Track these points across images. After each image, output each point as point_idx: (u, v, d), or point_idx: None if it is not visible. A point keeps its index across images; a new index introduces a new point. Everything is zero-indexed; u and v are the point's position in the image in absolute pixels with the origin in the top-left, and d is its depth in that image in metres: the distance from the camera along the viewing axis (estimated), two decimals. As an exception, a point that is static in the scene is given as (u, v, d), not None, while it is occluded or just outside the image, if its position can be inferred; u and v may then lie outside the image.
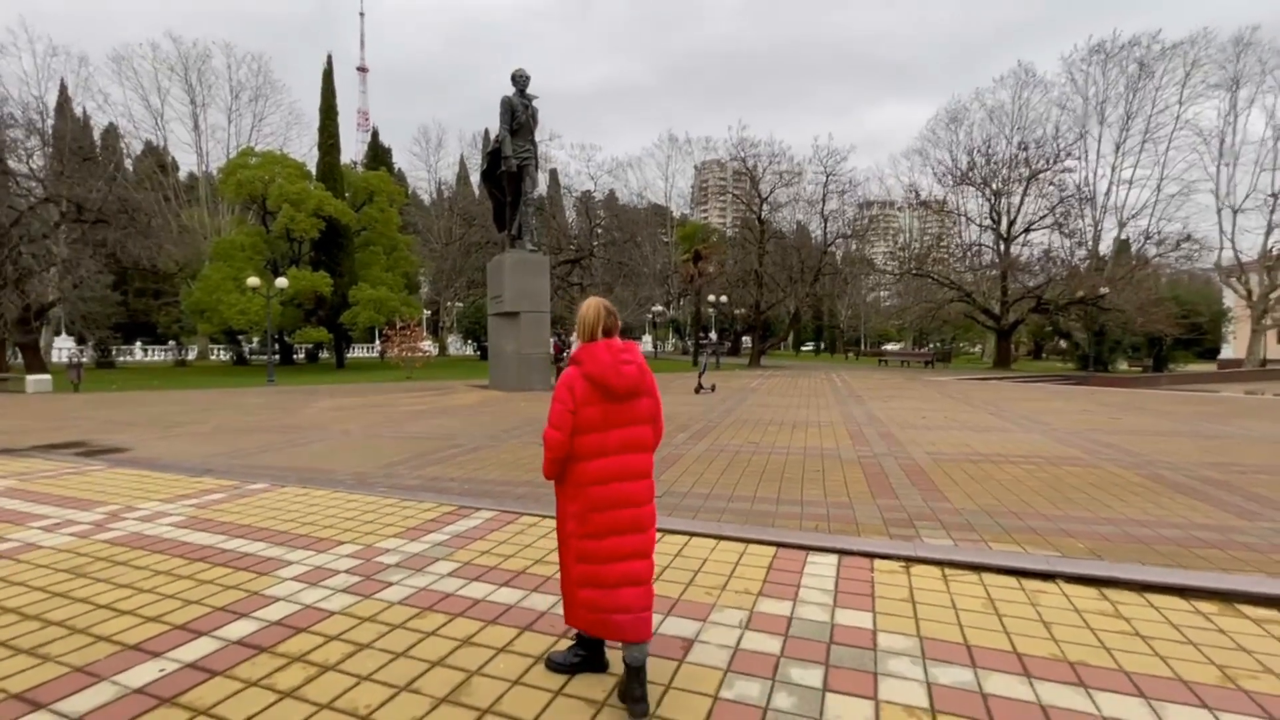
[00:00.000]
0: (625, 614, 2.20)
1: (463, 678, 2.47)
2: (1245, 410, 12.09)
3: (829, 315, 58.70)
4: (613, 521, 2.24)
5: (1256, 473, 6.06)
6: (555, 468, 2.31)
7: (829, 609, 3.08)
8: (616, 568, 2.23)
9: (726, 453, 7.31)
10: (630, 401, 2.28)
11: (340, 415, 11.69)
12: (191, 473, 6.41)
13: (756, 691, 2.36)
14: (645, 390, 2.32)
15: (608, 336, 2.32)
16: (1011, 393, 16.40)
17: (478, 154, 55.48)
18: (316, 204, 28.31)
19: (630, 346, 2.34)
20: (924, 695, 2.34)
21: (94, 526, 4.50)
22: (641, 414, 2.32)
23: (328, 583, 3.43)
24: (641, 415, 2.32)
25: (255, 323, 26.29)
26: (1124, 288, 29.09)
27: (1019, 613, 3.05)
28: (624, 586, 2.22)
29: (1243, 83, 33.28)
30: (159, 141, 38.18)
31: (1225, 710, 2.25)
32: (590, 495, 2.25)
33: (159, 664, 2.57)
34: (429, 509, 4.89)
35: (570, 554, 2.33)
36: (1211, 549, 3.92)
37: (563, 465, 2.30)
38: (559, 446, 2.24)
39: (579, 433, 2.24)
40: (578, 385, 2.24)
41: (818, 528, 4.41)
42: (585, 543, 2.26)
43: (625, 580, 2.22)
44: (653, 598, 2.31)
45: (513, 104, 17.23)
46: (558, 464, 2.30)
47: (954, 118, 36.39)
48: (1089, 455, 6.99)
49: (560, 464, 2.30)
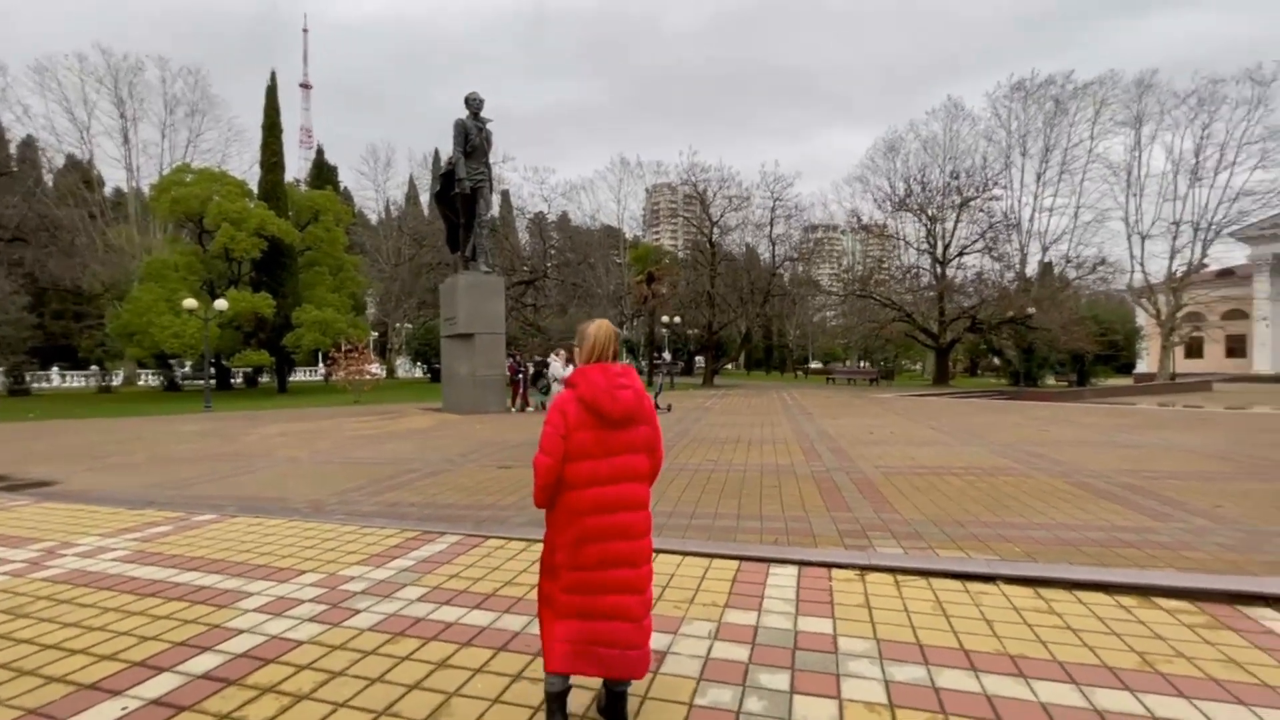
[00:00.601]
0: (612, 649, 2.11)
1: (442, 699, 2.49)
2: (1158, 422, 13.10)
3: (778, 335, 60.18)
4: (605, 554, 2.14)
5: (1168, 478, 6.63)
6: (545, 495, 2.21)
7: (792, 617, 3.24)
8: (607, 600, 2.14)
9: (687, 471, 7.46)
10: (626, 429, 2.19)
11: (287, 441, 11.28)
12: (131, 505, 6.10)
13: (729, 697, 2.48)
14: (643, 418, 2.23)
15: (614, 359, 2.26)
16: (950, 408, 17.25)
17: (427, 174, 54.86)
18: (259, 223, 27.36)
19: (627, 371, 2.26)
20: (883, 692, 2.51)
21: (29, 565, 4.26)
22: (638, 442, 2.21)
23: (293, 613, 3.37)
24: (638, 443, 2.21)
25: (190, 346, 25.02)
26: (1049, 308, 31.11)
27: (964, 613, 3.28)
28: (615, 620, 2.13)
29: (1145, 120, 36.44)
30: (84, 156, 36.16)
31: (1144, 691, 2.50)
32: (584, 525, 2.14)
33: (120, 702, 2.49)
34: (391, 535, 4.83)
35: (558, 584, 2.20)
36: (1130, 548, 4.29)
37: (553, 493, 2.20)
38: (548, 472, 2.15)
39: (571, 459, 2.14)
40: (570, 409, 2.16)
41: (777, 541, 4.59)
42: (576, 574, 2.16)
43: (616, 614, 2.13)
44: (647, 636, 2.19)
45: (466, 126, 17.27)
46: (548, 490, 2.19)
47: (891, 147, 38.41)
48: (1022, 466, 7.48)
49: (550, 491, 2.19)
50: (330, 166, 48.58)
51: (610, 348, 2.26)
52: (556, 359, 10.40)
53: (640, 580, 2.20)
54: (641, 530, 2.22)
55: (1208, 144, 35.40)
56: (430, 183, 51.36)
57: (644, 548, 2.23)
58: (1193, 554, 4.15)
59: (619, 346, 2.30)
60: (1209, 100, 34.72)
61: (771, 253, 36.92)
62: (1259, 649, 2.87)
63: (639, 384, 2.25)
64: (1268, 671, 2.66)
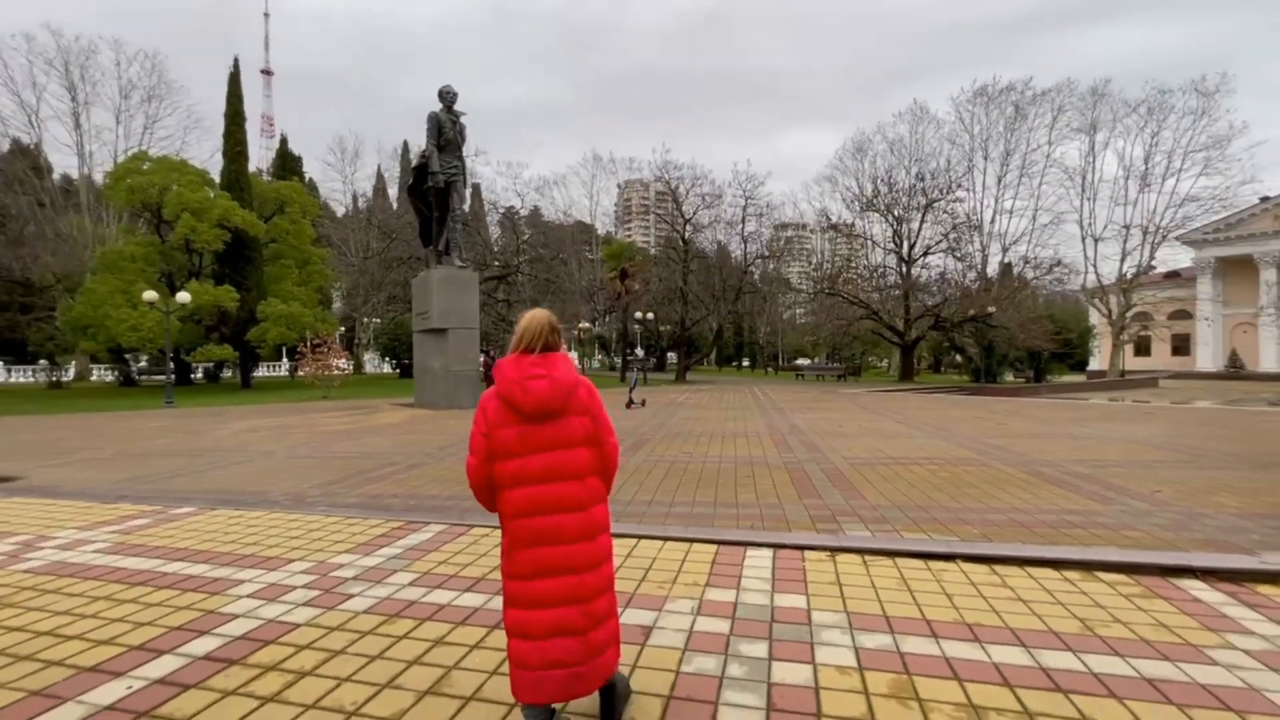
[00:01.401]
0: (558, 669, 1.95)
1: (442, 672, 2.62)
2: (1107, 415, 13.81)
3: (749, 332, 60.96)
4: (539, 561, 1.98)
5: (1114, 466, 7.08)
6: (481, 496, 2.09)
7: (768, 594, 3.45)
8: (547, 616, 1.96)
9: (664, 463, 7.66)
10: (553, 422, 2.01)
11: (258, 436, 11.12)
12: (103, 499, 6.02)
13: (713, 664, 2.67)
14: (574, 409, 2.05)
15: (549, 350, 2.09)
16: (915, 403, 17.84)
17: (396, 166, 54.03)
18: (221, 214, 26.59)
19: (546, 359, 2.06)
20: (853, 657, 2.73)
21: (8, 557, 4.22)
22: (572, 436, 2.03)
23: (286, 598, 3.45)
24: (573, 438, 2.03)
25: (149, 340, 24.22)
26: (1008, 307, 32.28)
27: (927, 588, 3.54)
28: (554, 638, 1.95)
29: (1099, 127, 37.96)
30: (32, 140, 34.59)
31: (1084, 651, 2.78)
32: (513, 529, 2.00)
33: (125, 682, 2.56)
34: (376, 525, 4.91)
35: (505, 598, 2.07)
36: (1077, 529, 4.63)
37: (489, 495, 2.08)
38: (474, 473, 2.05)
39: (496, 458, 2.01)
40: (490, 405, 2.04)
41: (753, 526, 4.81)
42: (511, 584, 2.02)
43: (555, 630, 1.95)
44: (597, 650, 2.01)
45: (440, 120, 17.14)
46: (481, 492, 2.08)
47: (859, 148, 39.24)
48: (981, 456, 7.88)
49: (484, 492, 2.08)
50: (295, 157, 47.29)
51: (540, 338, 2.07)
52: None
53: (583, 589, 2.00)
54: (576, 534, 2.01)
55: (1156, 151, 37.13)
56: (398, 174, 50.65)
57: (584, 552, 2.03)
58: (1132, 533, 4.50)
59: (555, 338, 2.11)
60: (1158, 109, 36.41)
61: (743, 250, 37.43)
62: (1185, 614, 3.18)
63: (562, 373, 2.04)
64: (1191, 633, 2.97)
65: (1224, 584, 3.60)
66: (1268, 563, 3.79)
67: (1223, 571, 3.72)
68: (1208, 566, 3.76)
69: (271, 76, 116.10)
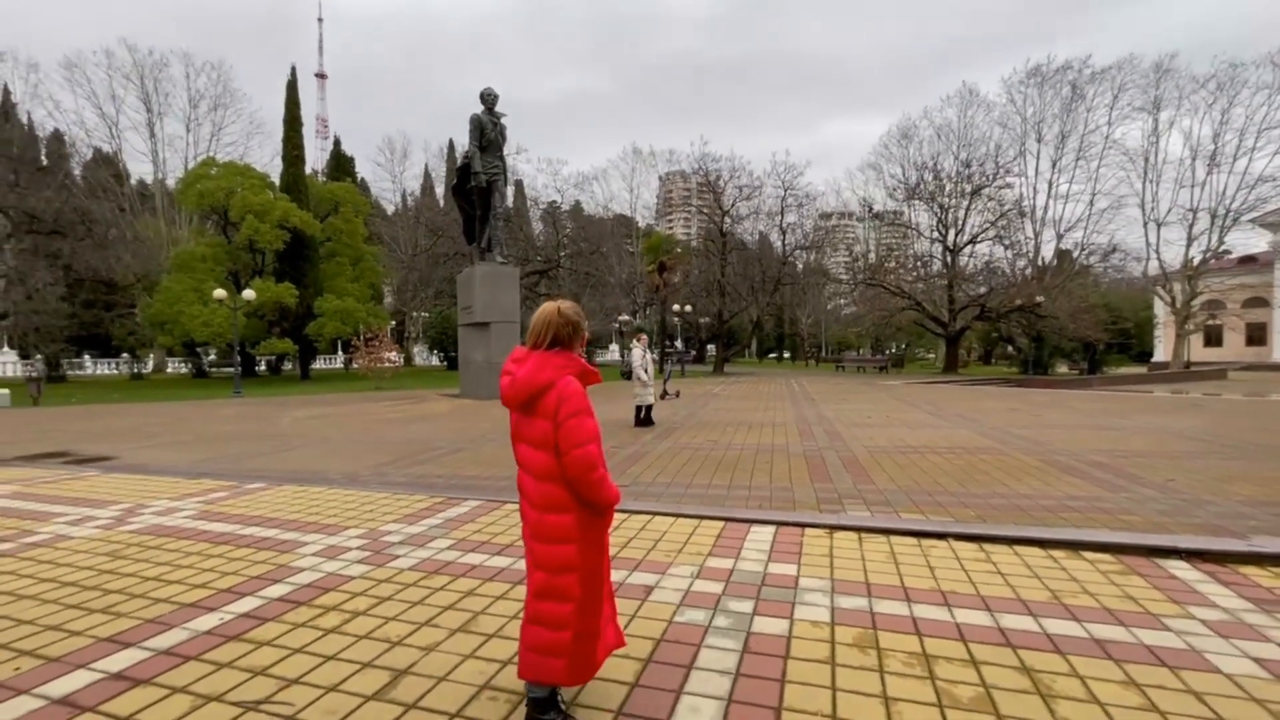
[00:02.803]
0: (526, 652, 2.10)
1: (470, 616, 3.11)
2: (1150, 407, 13.43)
3: (790, 323, 60.38)
4: (527, 546, 2.15)
5: (1135, 457, 7.09)
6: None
7: (764, 563, 3.82)
8: (528, 603, 2.13)
9: (688, 450, 8.05)
10: (530, 416, 2.07)
11: (318, 424, 12.03)
12: (188, 475, 6.83)
13: (702, 617, 3.07)
14: (541, 411, 2.02)
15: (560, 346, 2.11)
16: (952, 395, 17.63)
17: (443, 164, 55.59)
18: (281, 215, 28.23)
19: (527, 356, 2.10)
20: (828, 615, 3.09)
21: (114, 521, 4.97)
22: (536, 437, 2.04)
23: (343, 557, 4.02)
24: (536, 438, 2.04)
25: (219, 334, 26.04)
26: (1057, 296, 31.13)
27: (912, 562, 3.83)
28: (532, 625, 2.10)
29: (1163, 106, 36.00)
30: (113, 150, 37.31)
31: (1044, 616, 3.05)
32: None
33: (218, 615, 3.14)
34: (420, 500, 5.47)
35: None
36: (1075, 513, 4.81)
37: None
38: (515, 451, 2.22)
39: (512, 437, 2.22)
40: None
41: (761, 506, 5.16)
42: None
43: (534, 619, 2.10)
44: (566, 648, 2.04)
45: (482, 121, 17.84)
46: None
47: (905, 134, 38.35)
48: (1002, 446, 7.97)
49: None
50: (348, 157, 49.37)
51: (543, 334, 2.10)
52: (638, 345, 10.90)
53: (531, 581, 2.10)
54: (531, 528, 2.09)
55: (1226, 129, 34.96)
56: (444, 172, 52.14)
57: (533, 550, 2.09)
58: (1129, 518, 4.66)
59: (568, 332, 2.11)
60: (1229, 85, 34.25)
61: (783, 241, 37.19)
62: (1156, 589, 3.40)
63: (525, 373, 2.05)
64: (1155, 604, 3.20)
65: (1207, 564, 3.77)
66: (1255, 545, 3.93)
67: (1208, 553, 3.88)
68: (1194, 548, 3.92)
69: (325, 80, 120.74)
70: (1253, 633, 2.87)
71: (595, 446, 2.02)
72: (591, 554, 2.09)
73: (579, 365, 2.11)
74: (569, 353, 2.12)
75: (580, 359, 2.15)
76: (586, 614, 2.07)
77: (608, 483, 2.05)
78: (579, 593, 2.05)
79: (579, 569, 2.05)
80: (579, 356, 2.16)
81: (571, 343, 2.13)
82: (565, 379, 2.04)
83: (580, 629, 2.06)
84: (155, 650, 2.77)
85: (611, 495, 2.06)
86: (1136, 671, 2.53)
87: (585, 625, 2.07)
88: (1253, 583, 3.48)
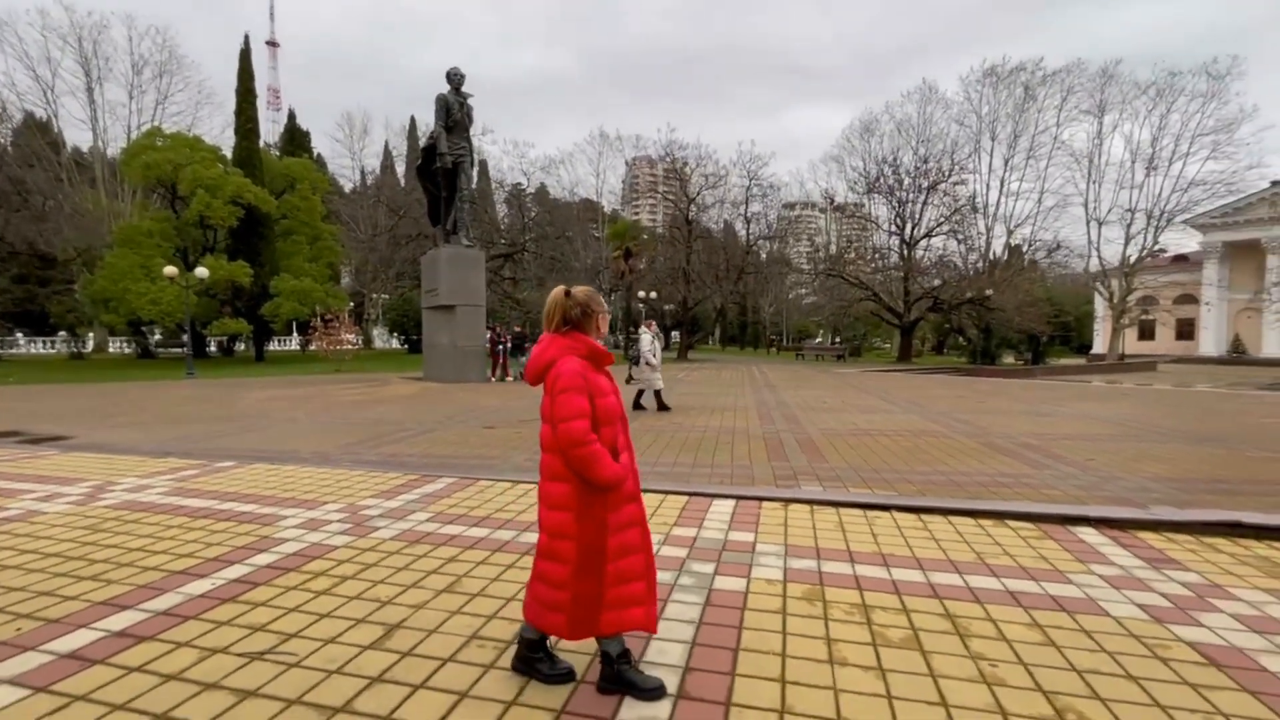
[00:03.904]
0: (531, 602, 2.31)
1: (454, 579, 3.35)
2: (1082, 395, 14.41)
3: (752, 311, 61.38)
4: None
5: (1062, 439, 7.73)
6: None
7: (724, 531, 4.15)
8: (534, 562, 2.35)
9: (653, 431, 8.36)
10: (545, 393, 2.26)
11: (280, 405, 11.91)
12: (153, 455, 6.79)
13: (668, 577, 3.37)
14: (547, 388, 2.24)
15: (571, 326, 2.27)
16: (903, 382, 18.46)
17: (404, 142, 54.25)
18: (235, 191, 27.24)
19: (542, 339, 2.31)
20: (780, 574, 3.44)
21: (86, 497, 4.99)
22: (543, 409, 2.26)
23: (325, 528, 4.18)
24: (543, 411, 2.27)
25: (168, 314, 25.09)
26: (1005, 289, 32.60)
27: (858, 530, 4.23)
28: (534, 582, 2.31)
29: (1107, 109, 37.79)
30: (47, 115, 35.17)
31: (968, 573, 3.47)
32: None
33: (209, 581, 3.29)
34: (395, 477, 5.64)
35: None
36: (1004, 488, 5.31)
37: None
38: None
39: None
40: None
41: (722, 483, 5.51)
42: None
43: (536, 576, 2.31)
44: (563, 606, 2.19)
45: (448, 101, 17.64)
46: None
47: (867, 128, 39.25)
48: (946, 429, 8.55)
49: None
50: (303, 131, 47.65)
51: (554, 315, 2.27)
52: (647, 330, 10.96)
53: (552, 550, 2.22)
54: (546, 499, 2.25)
55: (1164, 134, 36.99)
56: (405, 150, 50.93)
57: (550, 519, 2.24)
58: (1051, 492, 5.18)
59: (577, 313, 2.27)
60: (1168, 91, 36.21)
61: (746, 231, 37.77)
62: (1066, 550, 3.87)
63: (535, 352, 2.28)
64: (1063, 563, 3.65)
65: (1112, 530, 4.27)
66: (1152, 514, 4.46)
67: (1113, 520, 4.39)
68: (1101, 516, 4.43)
69: (277, 48, 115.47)
70: (1140, 585, 3.34)
71: (581, 423, 2.12)
72: (589, 526, 2.18)
73: (585, 346, 2.24)
74: (579, 333, 2.26)
75: (589, 340, 2.26)
76: (583, 580, 2.17)
77: (599, 461, 2.12)
78: (574, 559, 2.18)
79: (574, 538, 2.18)
80: (590, 338, 2.27)
81: (584, 323, 2.27)
82: (566, 358, 2.20)
83: (577, 591, 2.18)
84: (153, 611, 2.92)
85: (603, 474, 2.13)
86: (1041, 616, 2.95)
87: (582, 589, 2.18)
88: (1146, 545, 3.99)
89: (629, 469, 2.26)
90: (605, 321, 2.37)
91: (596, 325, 2.31)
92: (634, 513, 2.28)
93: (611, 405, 2.24)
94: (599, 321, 2.32)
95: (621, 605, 2.21)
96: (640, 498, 2.35)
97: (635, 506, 2.29)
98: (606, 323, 2.38)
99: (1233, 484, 5.48)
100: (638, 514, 2.30)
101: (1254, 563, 3.69)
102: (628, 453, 2.31)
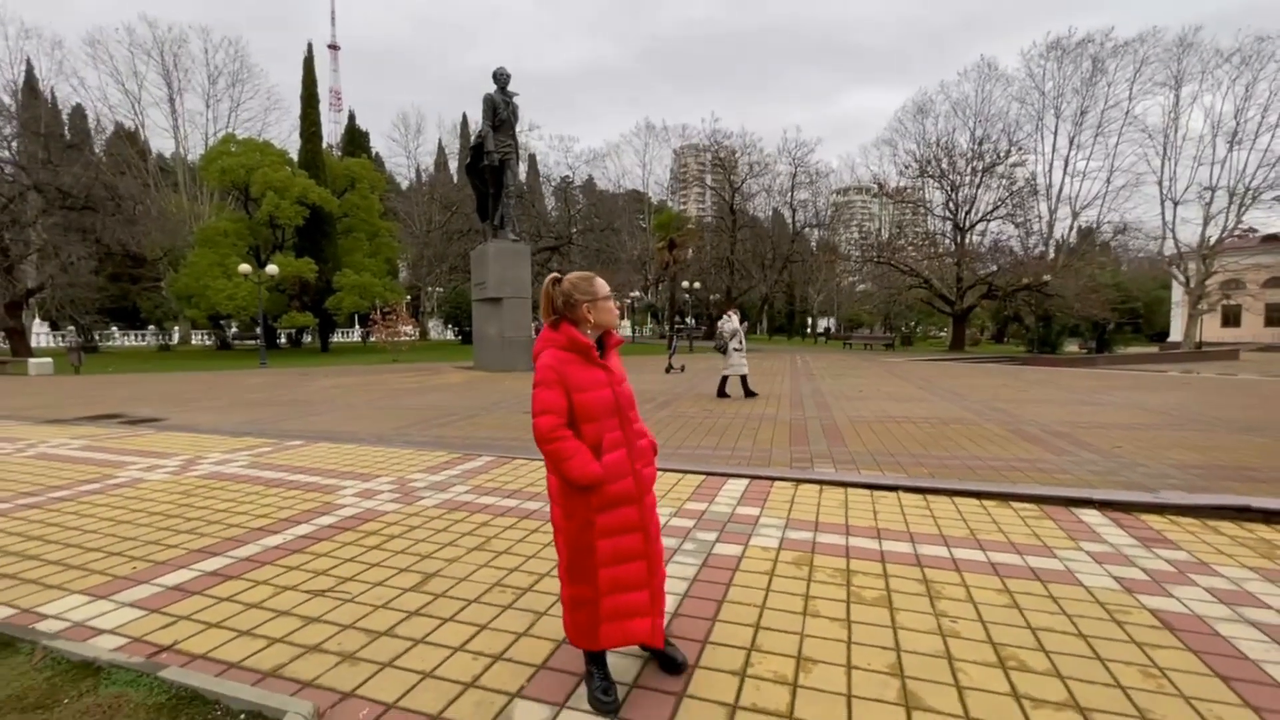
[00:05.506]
0: None
1: (485, 539, 3.82)
2: (1137, 384, 13.84)
3: (800, 300, 60.49)
4: None
5: (1096, 428, 7.64)
6: None
7: (732, 506, 4.49)
8: None
9: (683, 418, 8.72)
10: None
11: (341, 392, 12.86)
12: (232, 434, 7.63)
13: (672, 543, 3.75)
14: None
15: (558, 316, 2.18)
16: (949, 371, 18.11)
17: (456, 140, 55.89)
18: (300, 191, 28.95)
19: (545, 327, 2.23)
20: (776, 543, 3.76)
21: (181, 468, 5.75)
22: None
23: (378, 497, 4.75)
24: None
25: (243, 308, 27.03)
26: (1065, 275, 31.14)
27: (861, 507, 4.48)
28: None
29: (1185, 81, 35.33)
30: (135, 125, 38.11)
31: (957, 547, 3.70)
32: None
33: (281, 536, 3.88)
34: (441, 455, 6.21)
35: None
36: (1017, 472, 5.42)
37: None
38: None
39: None
40: None
41: (740, 464, 5.83)
42: None
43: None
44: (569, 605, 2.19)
45: (494, 101, 18.29)
46: None
47: (921, 109, 38.06)
48: (977, 417, 8.55)
49: None
50: (362, 132, 49.88)
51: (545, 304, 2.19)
52: (728, 319, 11.32)
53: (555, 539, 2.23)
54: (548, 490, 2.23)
55: (1250, 105, 34.29)
56: (457, 148, 52.48)
57: (551, 510, 2.23)
58: (1063, 476, 5.26)
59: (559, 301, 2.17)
60: (1254, 59, 33.47)
61: (792, 219, 37.33)
62: (1061, 530, 4.02)
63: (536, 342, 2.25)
64: (1054, 540, 3.82)
65: (1115, 513, 4.38)
66: (1159, 497, 4.53)
67: (1118, 503, 4.49)
68: (1106, 499, 4.53)
69: (338, 51, 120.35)
70: (1124, 560, 3.49)
71: (547, 419, 2.03)
72: (574, 524, 2.11)
73: (565, 337, 2.11)
74: (565, 324, 2.14)
75: (571, 330, 2.12)
76: (575, 582, 2.14)
77: (569, 459, 2.02)
78: (564, 554, 2.16)
79: (563, 531, 2.15)
80: (573, 329, 2.13)
81: (572, 310, 2.13)
82: (547, 351, 2.12)
83: (572, 593, 2.15)
84: (237, 559, 3.52)
85: (572, 472, 2.03)
86: (1013, 584, 3.18)
87: (576, 592, 2.14)
88: (1146, 526, 4.09)
89: (621, 469, 2.12)
90: (604, 309, 2.17)
91: (585, 313, 2.14)
92: (631, 516, 2.14)
93: (595, 400, 2.09)
94: (587, 310, 2.14)
95: (620, 616, 2.12)
96: (643, 501, 2.18)
97: (633, 510, 2.14)
98: (608, 309, 2.19)
99: (1262, 472, 5.41)
100: (636, 518, 2.15)
101: (1251, 544, 3.77)
102: (621, 450, 2.13)
